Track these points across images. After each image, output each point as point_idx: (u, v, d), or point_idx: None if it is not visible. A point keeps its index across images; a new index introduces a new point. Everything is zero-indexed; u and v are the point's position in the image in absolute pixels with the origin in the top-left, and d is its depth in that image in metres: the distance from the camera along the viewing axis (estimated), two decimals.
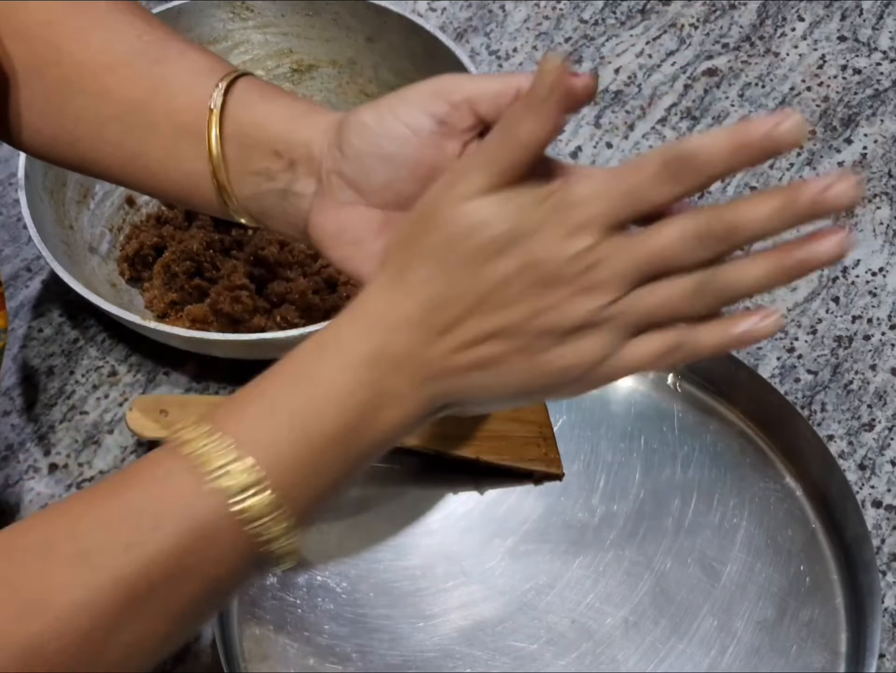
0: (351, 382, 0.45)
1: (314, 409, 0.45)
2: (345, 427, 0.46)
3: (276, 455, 0.44)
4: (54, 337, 0.79)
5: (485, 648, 0.64)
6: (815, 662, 0.64)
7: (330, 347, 0.46)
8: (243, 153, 0.55)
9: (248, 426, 0.45)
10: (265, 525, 0.44)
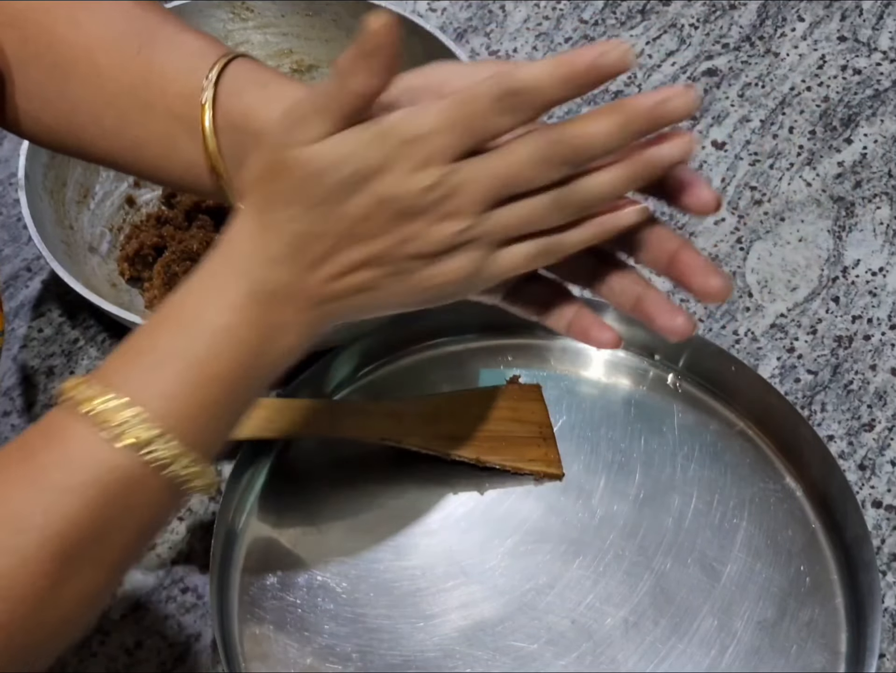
0: (237, 321, 0.47)
1: (205, 353, 0.47)
2: (238, 365, 0.47)
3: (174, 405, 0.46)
4: (54, 337, 0.79)
5: (485, 648, 0.64)
6: (815, 662, 0.64)
7: (210, 289, 0.48)
8: (238, 144, 0.55)
9: (142, 381, 0.46)
10: (177, 470, 0.46)
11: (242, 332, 0.47)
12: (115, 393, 0.45)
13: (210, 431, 0.48)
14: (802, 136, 0.92)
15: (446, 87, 0.49)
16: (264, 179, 0.48)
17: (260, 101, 0.55)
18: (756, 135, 0.92)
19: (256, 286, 0.48)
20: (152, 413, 0.45)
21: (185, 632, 0.67)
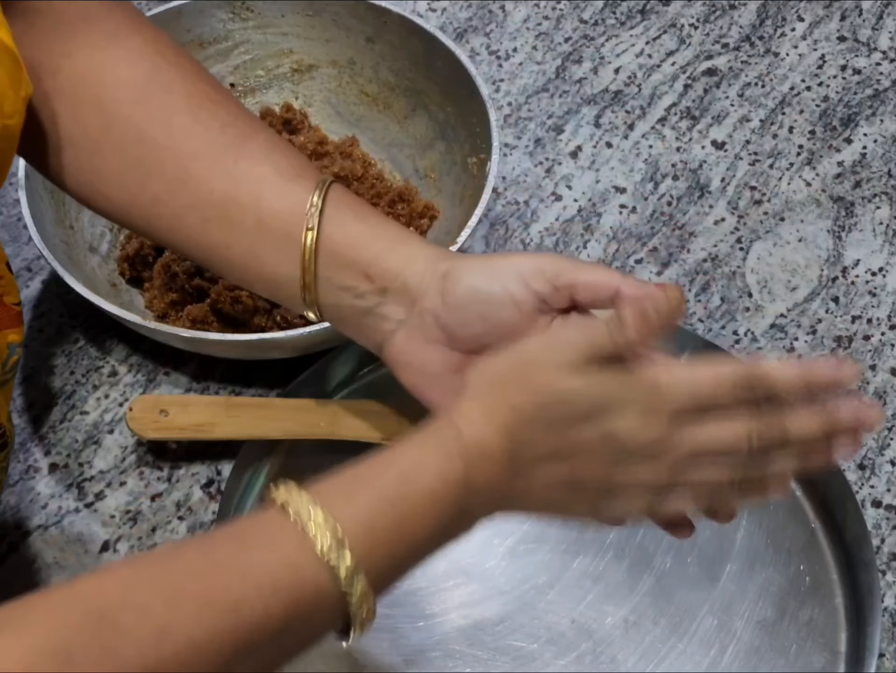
0: (443, 495, 0.50)
1: (413, 512, 0.50)
2: (434, 532, 0.51)
3: (375, 547, 0.49)
4: (54, 337, 0.79)
5: (485, 648, 0.64)
6: (815, 661, 0.64)
7: (429, 458, 0.51)
8: (334, 269, 0.58)
9: (358, 516, 0.49)
10: (358, 606, 0.48)
11: (445, 506, 0.51)
12: (333, 519, 0.48)
13: (388, 580, 0.51)
14: (802, 136, 0.93)
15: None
16: (506, 384, 0.52)
17: (364, 234, 0.59)
18: (756, 135, 0.92)
19: (471, 471, 0.51)
20: (359, 550, 0.48)
21: None
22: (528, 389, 0.51)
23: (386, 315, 0.58)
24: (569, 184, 0.89)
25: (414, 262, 0.58)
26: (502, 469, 0.51)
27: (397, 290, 0.58)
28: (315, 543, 0.47)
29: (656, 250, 0.85)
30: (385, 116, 0.88)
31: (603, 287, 0.56)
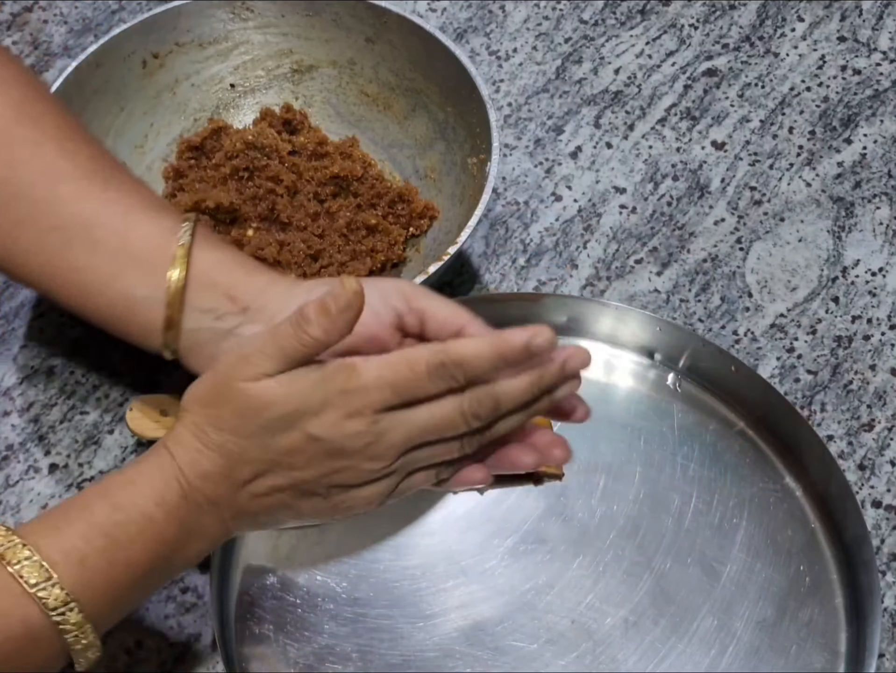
0: (163, 518, 0.52)
1: (127, 538, 0.51)
2: (155, 556, 0.53)
3: (89, 578, 0.50)
4: (54, 337, 0.79)
5: (485, 648, 0.64)
6: (815, 661, 0.64)
7: (147, 481, 0.53)
8: (197, 290, 0.60)
9: (67, 549, 0.50)
10: (77, 639, 0.50)
11: (165, 527, 0.52)
12: (37, 553, 0.49)
13: (111, 609, 0.52)
14: (802, 137, 0.93)
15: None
16: (208, 402, 0.53)
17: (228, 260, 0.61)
18: (756, 135, 0.92)
19: (187, 492, 0.53)
20: (67, 580, 0.49)
21: (185, 632, 0.67)
22: (226, 403, 0.52)
23: (245, 336, 0.59)
24: (569, 184, 0.89)
25: (274, 284, 0.60)
26: (219, 484, 0.53)
27: (258, 308, 0.59)
28: (20, 581, 0.48)
29: (656, 250, 0.85)
30: (385, 116, 0.88)
31: (448, 320, 0.58)
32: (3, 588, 0.48)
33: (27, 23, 0.97)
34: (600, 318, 0.76)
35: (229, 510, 0.54)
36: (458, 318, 0.59)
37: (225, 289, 0.60)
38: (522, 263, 0.84)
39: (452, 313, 0.59)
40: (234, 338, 0.60)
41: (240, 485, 0.53)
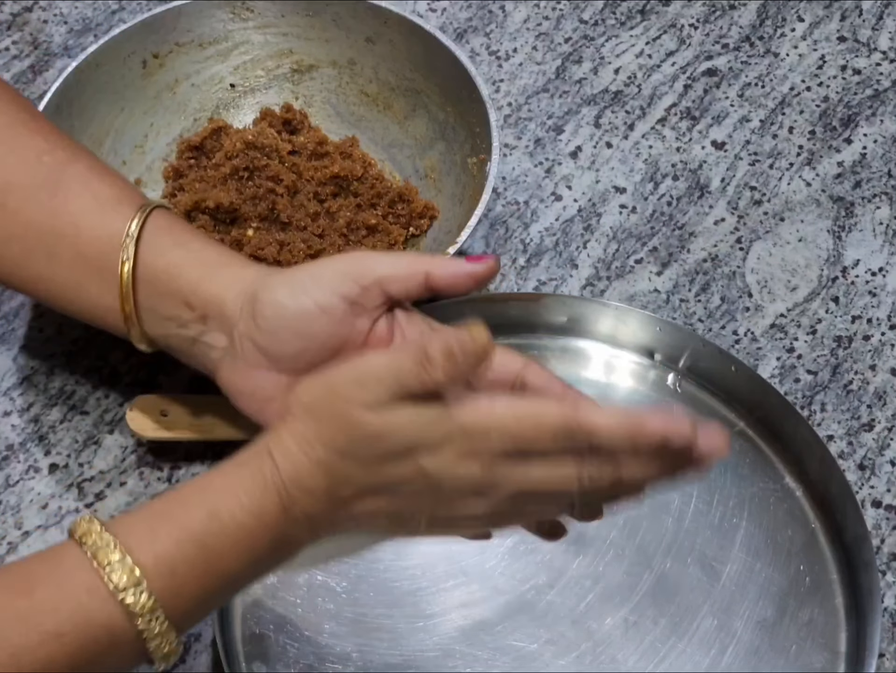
0: (259, 529, 0.51)
1: (219, 548, 0.50)
2: (244, 566, 0.51)
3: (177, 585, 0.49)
4: (54, 337, 0.79)
5: (485, 648, 0.64)
6: (815, 661, 0.64)
7: (245, 486, 0.51)
8: (155, 298, 0.58)
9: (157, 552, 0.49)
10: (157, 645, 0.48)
11: (260, 540, 0.51)
12: (128, 555, 0.47)
13: (196, 614, 0.52)
14: (802, 136, 0.93)
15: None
16: (319, 417, 0.51)
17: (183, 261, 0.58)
18: (756, 135, 0.92)
19: (287, 505, 0.51)
20: (155, 587, 0.47)
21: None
22: (339, 424, 0.50)
23: (211, 343, 0.58)
24: (569, 184, 0.89)
25: (231, 288, 0.57)
26: (320, 501, 0.51)
27: (216, 317, 0.57)
28: (108, 583, 0.47)
29: (656, 250, 0.85)
30: (385, 116, 0.88)
31: (410, 276, 0.55)
32: (90, 589, 0.47)
33: (27, 23, 0.97)
34: (600, 319, 0.76)
35: (324, 524, 0.53)
36: (414, 269, 0.56)
37: (183, 295, 0.58)
38: (522, 263, 0.84)
39: (406, 268, 0.56)
40: (202, 346, 0.59)
41: (339, 504, 0.52)
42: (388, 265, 0.56)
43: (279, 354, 0.56)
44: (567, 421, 0.49)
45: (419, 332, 0.58)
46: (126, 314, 0.59)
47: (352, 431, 0.50)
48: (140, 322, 0.59)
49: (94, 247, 0.58)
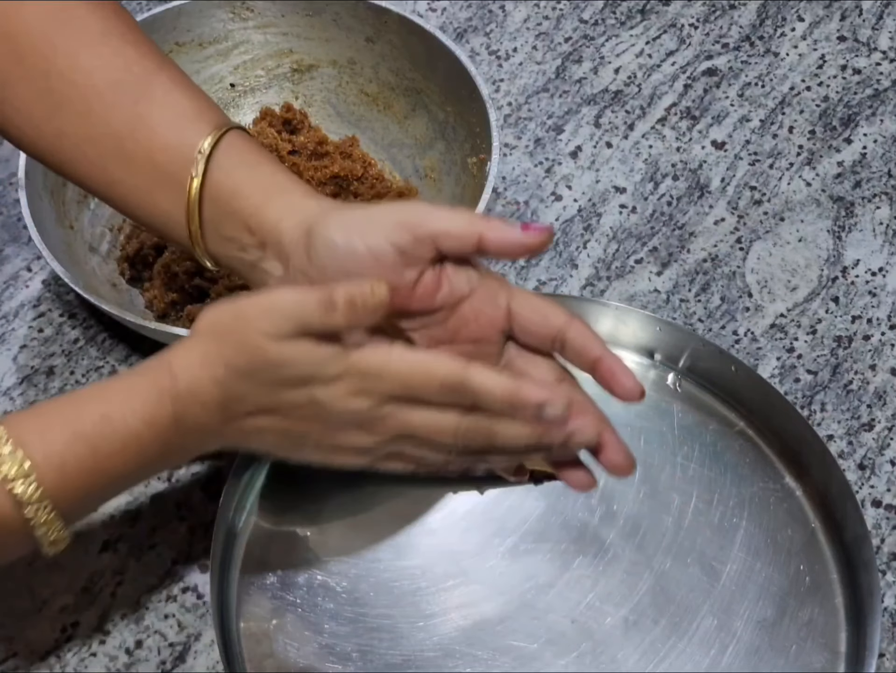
0: (149, 436, 0.54)
1: (109, 449, 0.53)
2: (133, 468, 0.55)
3: (65, 480, 0.53)
4: (54, 337, 0.79)
5: (485, 648, 0.64)
6: (815, 661, 0.64)
7: (141, 394, 0.54)
8: (219, 218, 0.59)
9: (48, 448, 0.53)
10: (43, 532, 0.53)
11: (149, 446, 0.54)
12: (20, 449, 0.51)
13: (83, 508, 0.56)
14: (802, 136, 0.93)
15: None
16: (224, 339, 0.53)
17: (248, 183, 0.59)
18: (756, 135, 0.92)
19: (179, 415, 0.54)
20: (44, 480, 0.52)
21: (185, 632, 0.67)
22: (242, 348, 0.53)
23: (268, 270, 0.59)
24: (569, 184, 0.89)
25: (289, 217, 0.58)
26: (213, 414, 0.54)
27: (274, 244, 0.58)
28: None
29: (656, 250, 0.85)
30: (385, 116, 0.88)
31: (464, 236, 0.56)
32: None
33: None
34: (600, 319, 0.76)
35: (214, 436, 0.56)
36: (470, 229, 0.56)
37: (243, 218, 0.59)
38: (522, 263, 0.84)
39: (462, 226, 0.56)
40: (260, 272, 0.59)
41: (231, 419, 0.54)
42: (444, 221, 0.56)
43: None
44: (455, 375, 0.52)
45: (467, 282, 0.58)
46: (191, 230, 0.60)
47: (252, 355, 0.52)
48: (204, 239, 0.60)
49: (168, 158, 0.59)
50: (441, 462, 0.57)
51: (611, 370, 0.57)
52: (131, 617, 0.67)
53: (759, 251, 0.85)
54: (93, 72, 0.60)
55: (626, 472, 0.58)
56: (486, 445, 0.55)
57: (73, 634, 0.66)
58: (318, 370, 0.52)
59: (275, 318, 0.52)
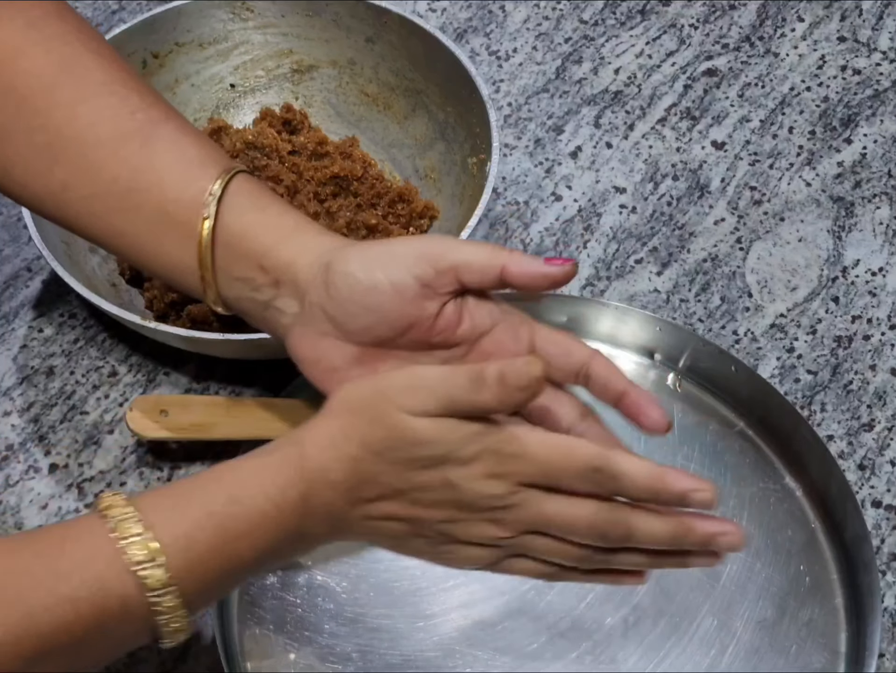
0: (279, 519, 0.51)
1: (240, 533, 0.50)
2: (262, 552, 0.52)
3: (194, 565, 0.50)
4: (54, 337, 0.79)
5: (485, 648, 0.64)
6: (815, 661, 0.64)
7: (271, 472, 0.51)
8: (230, 260, 0.58)
9: (176, 532, 0.49)
10: (168, 621, 0.49)
11: (277, 528, 0.51)
12: (149, 531, 0.49)
13: (208, 596, 0.52)
14: (802, 136, 0.93)
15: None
16: (359, 414, 0.51)
17: (260, 224, 0.58)
18: (756, 135, 0.92)
19: (307, 493, 0.51)
20: (172, 564, 0.49)
21: None
22: (380, 425, 0.50)
23: (282, 309, 0.58)
24: (569, 184, 0.89)
25: (304, 255, 0.57)
26: (340, 494, 0.51)
27: (289, 282, 0.57)
28: (126, 556, 0.48)
29: (656, 250, 0.85)
30: (385, 116, 0.88)
31: (486, 268, 0.55)
32: (109, 560, 0.48)
33: None
34: (600, 318, 0.76)
35: (341, 521, 0.53)
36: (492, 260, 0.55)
37: (257, 258, 0.58)
38: None
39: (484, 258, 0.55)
40: (273, 311, 0.59)
41: (360, 502, 0.52)
42: (466, 253, 0.55)
43: (348, 325, 0.56)
44: (597, 460, 0.50)
45: (488, 316, 0.57)
46: (203, 274, 0.59)
47: (391, 432, 0.50)
48: (216, 282, 0.59)
49: (177, 204, 0.59)
50: (570, 560, 0.54)
51: (636, 403, 0.55)
52: None
53: (759, 251, 0.85)
54: (94, 124, 0.59)
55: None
56: (620, 542, 0.52)
57: None
58: (456, 449, 0.50)
59: (420, 395, 0.50)
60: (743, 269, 0.84)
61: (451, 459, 0.50)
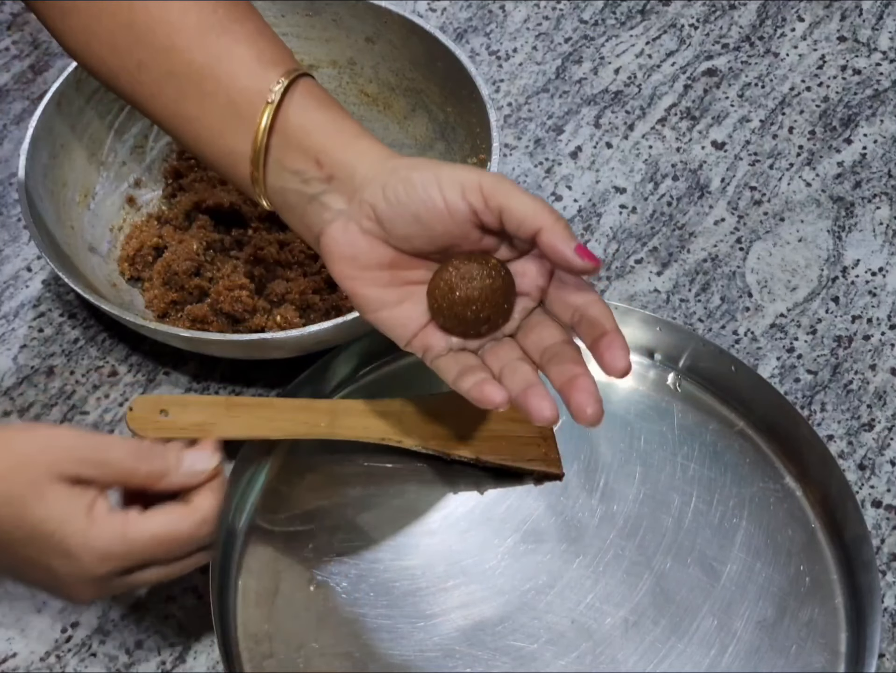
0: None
1: None
2: None
3: None
4: (54, 337, 0.79)
5: (485, 648, 0.64)
6: (815, 661, 0.64)
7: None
8: (286, 150, 0.60)
9: None
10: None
11: None
12: None
13: None
14: (802, 136, 0.93)
15: None
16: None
17: (324, 123, 0.61)
18: (756, 135, 0.92)
19: None
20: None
21: (185, 632, 0.67)
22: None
23: (327, 204, 0.59)
24: (569, 184, 0.89)
25: (366, 155, 0.59)
26: None
27: (343, 179, 0.59)
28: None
29: (656, 250, 0.85)
30: (385, 116, 0.88)
31: (525, 222, 0.56)
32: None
33: (27, 23, 0.97)
34: None
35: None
36: (535, 217, 0.56)
37: (315, 152, 0.60)
38: None
39: (533, 213, 0.56)
40: (317, 205, 0.60)
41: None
42: (516, 201, 0.56)
43: (395, 230, 0.58)
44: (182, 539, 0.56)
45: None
46: (255, 162, 0.61)
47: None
48: (265, 169, 0.61)
49: (245, 95, 0.61)
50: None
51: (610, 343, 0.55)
52: (131, 617, 0.67)
53: (759, 251, 0.85)
54: (179, 9, 0.62)
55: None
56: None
57: (72, 634, 0.66)
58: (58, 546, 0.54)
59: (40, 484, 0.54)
60: (743, 269, 0.84)
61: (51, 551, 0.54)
